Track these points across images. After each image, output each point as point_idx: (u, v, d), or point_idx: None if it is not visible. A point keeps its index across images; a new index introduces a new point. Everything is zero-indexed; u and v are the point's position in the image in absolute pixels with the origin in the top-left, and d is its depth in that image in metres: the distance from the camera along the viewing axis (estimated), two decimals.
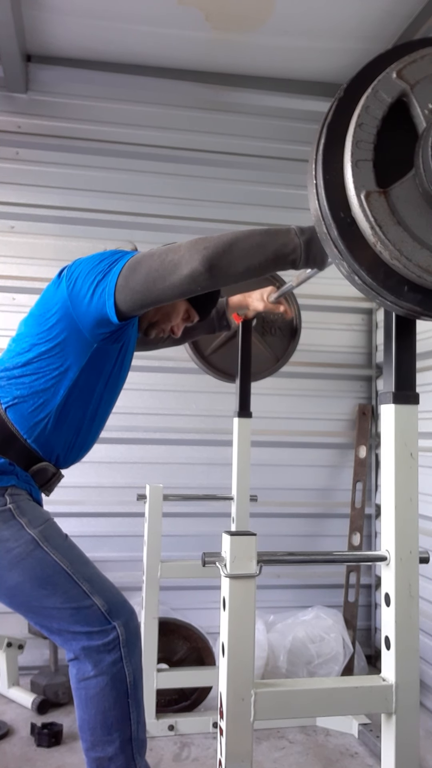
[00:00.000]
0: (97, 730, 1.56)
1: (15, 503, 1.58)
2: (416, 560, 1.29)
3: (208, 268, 1.44)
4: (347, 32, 2.93)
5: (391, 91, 1.14)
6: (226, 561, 1.24)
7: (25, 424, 1.65)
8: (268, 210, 3.39)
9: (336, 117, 1.17)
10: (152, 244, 3.22)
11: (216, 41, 3.03)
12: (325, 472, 3.40)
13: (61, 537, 1.64)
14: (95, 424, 1.78)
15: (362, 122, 1.13)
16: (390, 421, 1.29)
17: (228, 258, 1.43)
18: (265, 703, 1.23)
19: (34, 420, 1.65)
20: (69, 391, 1.66)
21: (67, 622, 1.56)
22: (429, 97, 1.16)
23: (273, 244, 1.44)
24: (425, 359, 2.84)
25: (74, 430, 1.72)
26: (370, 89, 1.15)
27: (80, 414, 1.71)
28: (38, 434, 1.65)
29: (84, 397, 1.70)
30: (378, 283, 1.16)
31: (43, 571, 1.55)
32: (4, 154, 3.21)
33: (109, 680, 1.55)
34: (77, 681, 1.58)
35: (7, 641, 2.73)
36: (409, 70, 1.15)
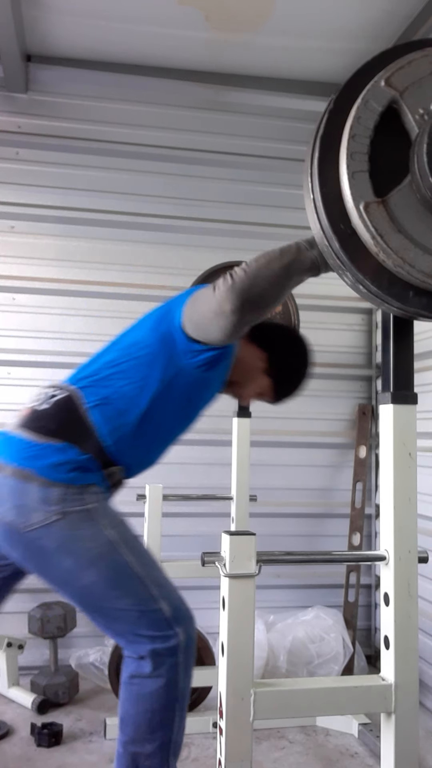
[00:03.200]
0: (141, 727, 1.58)
1: (96, 503, 1.59)
2: (415, 560, 1.29)
3: (242, 306, 1.45)
4: (347, 32, 2.93)
5: (380, 99, 1.14)
6: (225, 561, 1.24)
7: (106, 427, 1.64)
8: (268, 210, 3.39)
9: (328, 129, 1.17)
10: (152, 244, 3.28)
11: (216, 41, 3.03)
12: (325, 472, 3.40)
13: (135, 540, 1.65)
14: (164, 443, 1.78)
15: (355, 133, 1.13)
16: (389, 421, 1.29)
17: (256, 291, 1.44)
18: (265, 703, 1.23)
19: (116, 424, 1.65)
20: (151, 404, 1.66)
21: (132, 624, 1.57)
22: (419, 102, 1.16)
23: (293, 266, 1.43)
24: (424, 359, 2.84)
25: (147, 444, 1.73)
26: (360, 99, 1.14)
27: (155, 429, 1.71)
28: (116, 439, 1.65)
29: (162, 414, 1.69)
30: (383, 290, 1.17)
31: (117, 573, 1.56)
32: (4, 154, 3.21)
33: (164, 683, 1.57)
34: (131, 676, 1.60)
35: (7, 641, 2.73)
36: (397, 76, 1.15)
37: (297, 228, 3.33)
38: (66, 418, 1.64)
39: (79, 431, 1.62)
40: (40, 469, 1.56)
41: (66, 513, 1.54)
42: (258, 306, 1.48)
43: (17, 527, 1.55)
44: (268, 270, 1.43)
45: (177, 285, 2.93)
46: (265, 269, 1.43)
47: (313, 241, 1.43)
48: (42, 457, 1.58)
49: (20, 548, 1.59)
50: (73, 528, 1.55)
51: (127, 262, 3.27)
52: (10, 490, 1.56)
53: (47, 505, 1.54)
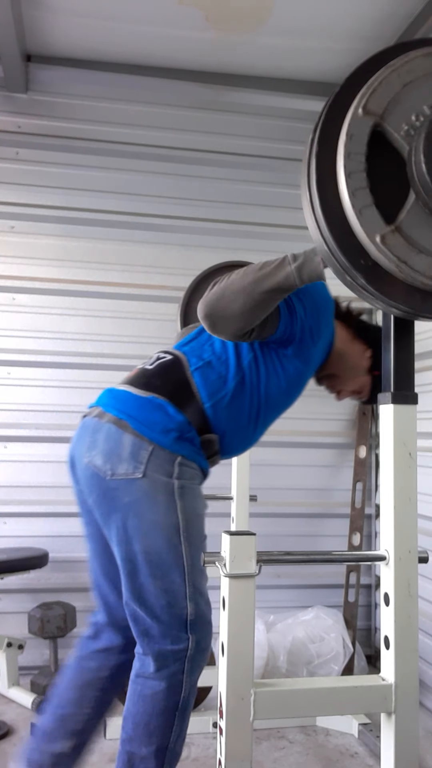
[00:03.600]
0: (139, 728, 1.58)
1: (181, 480, 1.60)
2: (415, 560, 1.29)
3: (208, 317, 1.52)
4: (347, 32, 2.93)
5: (363, 129, 1.13)
6: (225, 561, 1.24)
7: (206, 389, 1.67)
8: (268, 210, 3.39)
9: (320, 167, 1.15)
10: (152, 244, 3.28)
11: (216, 41, 3.03)
12: (325, 472, 3.40)
13: (200, 537, 1.65)
14: (258, 423, 1.78)
15: (351, 171, 1.12)
16: (389, 421, 1.29)
17: (222, 303, 1.49)
18: (265, 703, 1.23)
19: (215, 388, 1.67)
20: (244, 377, 1.69)
21: (154, 610, 1.58)
22: (401, 118, 1.14)
23: (265, 279, 1.47)
24: (424, 359, 2.84)
25: (243, 418, 1.73)
26: (345, 135, 1.12)
27: (249, 404, 1.71)
28: (215, 403, 1.67)
29: (253, 391, 1.71)
30: (416, 309, 1.18)
31: (168, 555, 1.57)
32: (4, 154, 3.21)
33: (165, 687, 1.57)
34: (136, 675, 1.61)
35: (7, 641, 2.73)
36: (373, 101, 1.13)
37: (297, 228, 3.35)
38: (170, 376, 1.68)
39: (180, 390, 1.66)
40: (135, 423, 1.60)
41: (150, 475, 1.57)
42: (225, 318, 1.51)
43: (102, 472, 1.58)
44: (239, 284, 1.48)
45: (177, 285, 2.94)
46: (237, 283, 1.48)
47: (297, 255, 1.48)
48: (140, 409, 1.62)
49: (97, 492, 1.61)
50: (151, 492, 1.57)
51: (127, 262, 3.27)
52: (106, 436, 1.60)
53: (135, 460, 1.57)
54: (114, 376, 3.19)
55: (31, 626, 2.80)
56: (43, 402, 3.17)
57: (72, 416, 3.17)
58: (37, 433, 3.15)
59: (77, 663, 1.80)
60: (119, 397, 1.67)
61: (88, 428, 1.67)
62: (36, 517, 3.12)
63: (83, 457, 1.63)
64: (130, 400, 1.65)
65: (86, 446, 1.63)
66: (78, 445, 1.68)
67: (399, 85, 1.14)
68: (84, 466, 1.63)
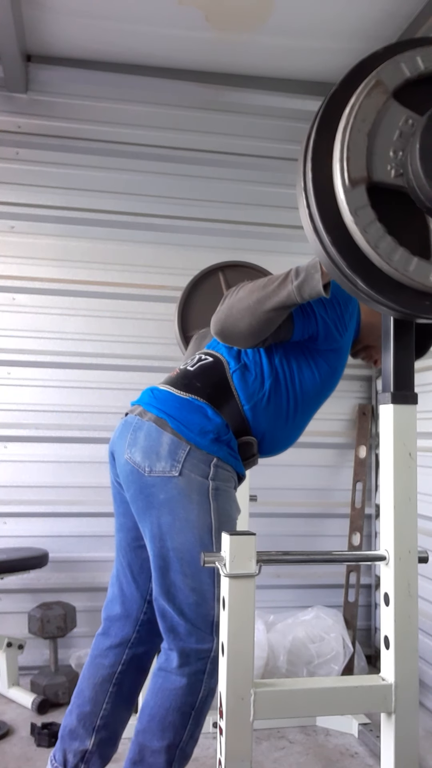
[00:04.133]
0: (154, 720, 1.61)
1: (216, 482, 1.63)
2: (415, 560, 1.29)
3: (219, 334, 1.62)
4: (347, 32, 2.93)
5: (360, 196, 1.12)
6: (225, 561, 1.24)
7: (245, 391, 1.70)
8: (268, 210, 3.39)
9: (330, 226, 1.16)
10: (152, 244, 3.28)
11: (216, 41, 3.03)
12: (325, 472, 3.40)
13: None
14: (298, 419, 1.80)
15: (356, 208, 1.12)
16: (389, 421, 1.29)
17: (230, 321, 1.59)
18: (265, 703, 1.23)
19: (253, 390, 1.71)
20: (279, 373, 1.72)
21: (182, 608, 1.61)
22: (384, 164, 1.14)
23: (268, 299, 1.53)
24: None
25: (282, 417, 1.76)
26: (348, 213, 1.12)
27: (286, 401, 1.74)
28: (254, 405, 1.71)
29: (290, 387, 1.74)
30: (416, 310, 1.20)
31: (199, 555, 1.59)
32: (4, 154, 3.21)
33: (185, 684, 1.60)
34: (159, 668, 1.65)
35: (7, 641, 2.73)
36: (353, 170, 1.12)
37: (297, 228, 3.34)
38: (210, 379, 1.72)
39: (220, 392, 1.70)
40: (174, 422, 1.63)
41: (186, 474, 1.60)
42: (234, 335, 1.60)
43: (141, 469, 1.62)
44: (245, 303, 1.55)
45: (177, 285, 2.94)
46: (243, 302, 1.56)
47: (299, 271, 1.50)
48: (180, 410, 1.66)
49: (134, 487, 1.65)
50: (186, 490, 1.61)
51: (127, 262, 3.27)
52: (146, 434, 1.65)
53: (173, 459, 1.61)
54: (114, 376, 3.23)
55: (31, 626, 2.80)
56: (43, 402, 3.17)
57: (72, 416, 3.18)
58: (37, 433, 3.15)
59: (91, 661, 1.84)
60: (160, 397, 1.71)
61: (129, 425, 1.71)
62: (36, 517, 3.12)
63: (123, 453, 1.68)
64: (170, 400, 1.69)
65: (127, 443, 1.68)
66: (119, 440, 1.73)
67: (365, 140, 1.13)
68: (124, 462, 1.68)
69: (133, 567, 1.82)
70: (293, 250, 3.31)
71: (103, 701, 1.78)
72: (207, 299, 2.67)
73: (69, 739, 1.78)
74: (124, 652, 1.82)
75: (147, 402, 1.72)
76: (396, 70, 1.14)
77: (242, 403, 1.70)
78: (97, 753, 1.76)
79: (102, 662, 1.81)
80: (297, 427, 1.81)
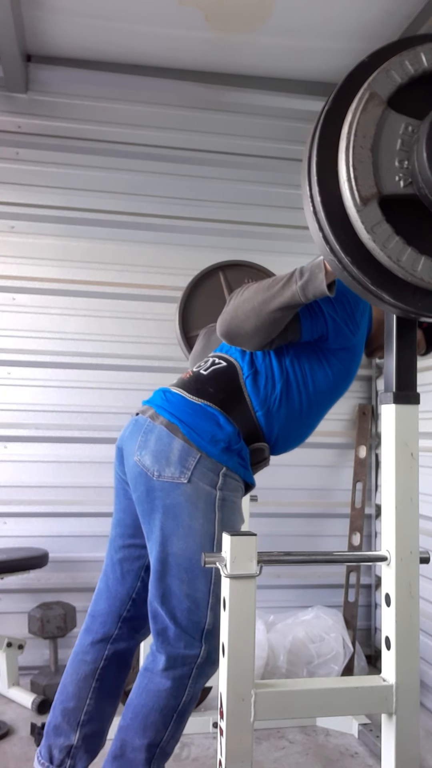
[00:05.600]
0: (137, 719, 1.62)
1: (223, 491, 1.63)
2: (417, 560, 1.29)
3: (225, 335, 1.63)
4: (347, 32, 2.93)
5: (374, 212, 1.13)
6: (226, 561, 1.24)
7: (257, 397, 1.71)
8: (268, 210, 3.39)
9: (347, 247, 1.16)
10: (152, 244, 3.28)
11: (216, 41, 3.03)
12: (325, 472, 3.40)
13: None
14: (312, 417, 1.81)
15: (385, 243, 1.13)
16: (390, 421, 1.29)
17: (236, 322, 1.59)
18: (265, 703, 1.23)
19: (265, 394, 1.71)
20: (290, 374, 1.73)
21: (174, 613, 1.62)
22: (392, 175, 1.14)
23: (272, 299, 1.53)
24: (425, 359, 2.83)
25: (295, 418, 1.76)
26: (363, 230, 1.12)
27: (299, 402, 1.75)
28: (267, 410, 1.71)
29: (302, 387, 1.74)
30: (419, 308, 1.20)
31: (198, 562, 1.61)
32: (4, 154, 3.21)
33: (169, 687, 1.61)
34: (145, 668, 1.66)
35: (7, 641, 2.73)
36: (363, 188, 1.12)
37: (297, 228, 3.36)
38: (224, 384, 1.72)
39: (232, 399, 1.70)
40: (185, 428, 1.64)
41: (194, 481, 1.61)
42: (241, 336, 1.61)
43: (150, 472, 1.63)
44: (250, 304, 1.55)
45: (177, 285, 2.94)
46: (248, 303, 1.56)
47: (303, 271, 1.50)
48: (192, 416, 1.66)
49: (141, 489, 1.66)
50: (193, 498, 1.62)
51: (127, 262, 3.27)
52: (157, 438, 1.66)
53: (183, 465, 1.61)
54: (114, 376, 3.23)
55: (31, 626, 2.80)
56: (43, 402, 3.17)
57: (72, 416, 3.18)
58: (37, 433, 3.15)
59: (74, 657, 1.85)
60: (172, 401, 1.72)
61: (141, 426, 1.71)
62: (36, 517, 3.12)
63: (133, 454, 1.69)
64: (182, 405, 1.69)
65: (137, 444, 1.69)
66: (129, 440, 1.73)
67: (369, 156, 1.13)
68: (133, 464, 1.68)
69: (124, 564, 1.84)
70: (293, 250, 3.31)
71: (86, 697, 1.80)
72: (208, 299, 2.67)
73: (54, 735, 1.79)
74: (106, 647, 1.83)
75: (159, 404, 1.72)
76: (387, 79, 1.14)
77: (255, 409, 1.71)
78: (83, 748, 1.78)
79: (84, 658, 1.83)
80: (310, 426, 1.83)
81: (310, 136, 1.19)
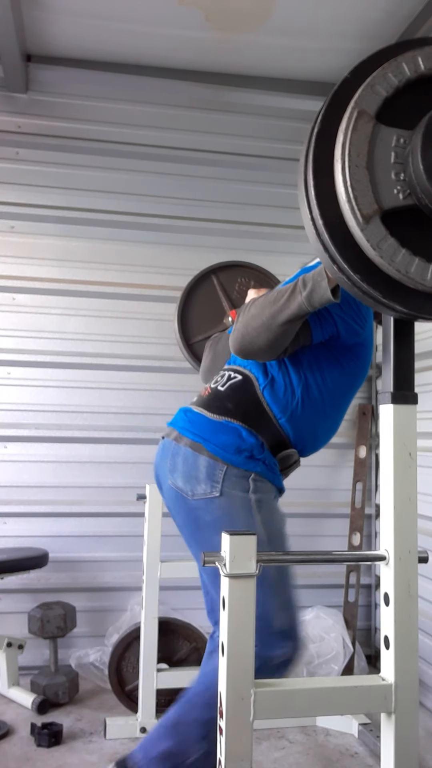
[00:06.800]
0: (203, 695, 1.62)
1: (257, 494, 1.65)
2: (415, 560, 1.29)
3: (239, 353, 1.66)
4: (347, 32, 2.93)
5: (377, 227, 1.13)
6: (225, 561, 1.24)
7: (278, 405, 1.72)
8: (268, 210, 3.39)
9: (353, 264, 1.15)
10: (152, 244, 3.28)
11: (216, 41, 3.03)
12: (325, 472, 3.40)
13: (283, 546, 1.69)
14: (336, 413, 1.83)
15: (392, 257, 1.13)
16: (389, 421, 1.29)
17: (248, 339, 1.61)
18: (265, 703, 1.23)
19: (285, 401, 1.72)
20: (309, 377, 1.74)
21: None
22: (390, 188, 1.14)
23: (280, 313, 1.55)
24: (424, 359, 2.84)
25: (319, 418, 1.78)
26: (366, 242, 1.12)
27: (321, 403, 1.76)
28: (290, 416, 1.73)
29: (322, 387, 1.76)
30: (416, 310, 1.20)
31: None
32: (4, 154, 3.21)
33: None
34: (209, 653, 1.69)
35: (7, 641, 2.73)
36: (363, 206, 1.12)
37: (297, 228, 3.34)
38: (242, 398, 1.73)
39: (253, 412, 1.72)
40: (209, 445, 1.67)
41: (227, 492, 1.63)
42: (254, 352, 1.63)
43: (185, 493, 1.67)
44: (259, 320, 1.57)
45: (176, 285, 2.94)
46: (257, 319, 1.57)
47: (306, 281, 1.51)
48: (214, 432, 1.69)
49: (182, 513, 1.69)
50: (230, 509, 1.64)
51: (127, 262, 3.27)
52: (183, 459, 1.69)
53: (212, 480, 1.64)
54: (114, 376, 3.23)
55: (31, 626, 2.80)
56: (43, 402, 3.17)
57: (72, 416, 3.18)
58: (37, 433, 3.15)
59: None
60: (194, 421, 1.75)
61: (168, 451, 1.76)
62: (36, 517, 3.12)
63: (167, 479, 1.73)
64: (204, 424, 1.72)
65: (168, 468, 1.73)
66: (161, 465, 1.78)
67: (366, 174, 1.13)
68: (168, 487, 1.73)
69: None
70: (293, 250, 3.31)
71: None
72: (204, 303, 2.69)
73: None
74: None
75: (181, 426, 1.75)
76: (373, 94, 1.14)
77: (277, 417, 1.72)
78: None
79: None
80: (335, 422, 1.85)
81: (303, 157, 1.20)
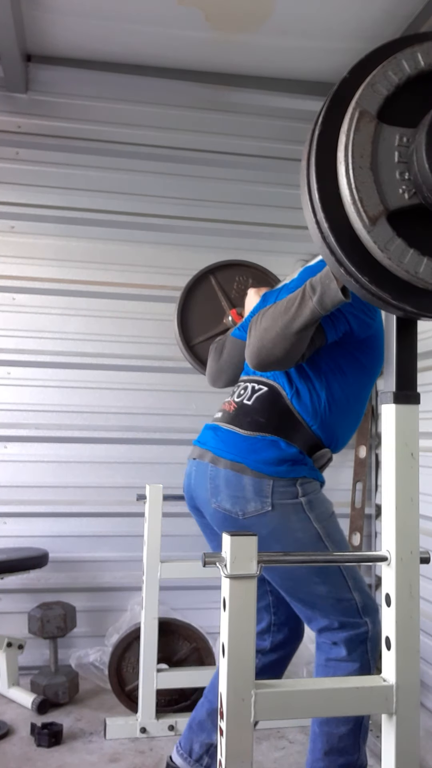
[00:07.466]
0: None
1: (306, 496, 1.69)
2: (417, 560, 1.28)
3: (258, 367, 1.65)
4: (347, 32, 2.93)
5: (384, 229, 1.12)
6: (226, 561, 1.24)
7: (307, 412, 1.73)
8: (268, 210, 3.39)
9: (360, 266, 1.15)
10: (152, 244, 3.28)
11: (216, 41, 3.03)
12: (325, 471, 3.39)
13: (339, 533, 1.75)
14: (359, 405, 1.85)
15: (400, 258, 1.12)
16: (391, 421, 1.29)
17: (265, 351, 1.61)
18: (265, 704, 1.23)
19: (314, 407, 1.74)
20: (330, 379, 1.75)
21: (327, 611, 1.69)
22: (395, 188, 1.13)
23: (293, 321, 1.55)
24: (426, 359, 2.84)
25: (347, 414, 1.80)
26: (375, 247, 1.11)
27: (345, 400, 1.78)
28: (321, 421, 1.74)
29: (344, 385, 1.77)
30: (419, 309, 1.19)
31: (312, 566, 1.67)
32: (4, 154, 3.21)
33: (358, 666, 1.70)
34: (327, 659, 1.73)
35: (7, 641, 2.73)
36: (369, 208, 1.11)
37: (297, 228, 3.35)
38: (272, 410, 1.74)
39: (286, 422, 1.72)
40: (252, 463, 1.67)
41: (278, 504, 1.65)
42: (273, 364, 1.63)
43: (234, 514, 1.68)
44: (273, 332, 1.57)
45: (176, 285, 2.94)
46: (271, 330, 1.57)
47: (314, 286, 1.51)
48: (254, 451, 1.69)
49: None
50: (284, 518, 1.67)
51: (127, 262, 3.27)
52: (225, 481, 1.70)
53: (261, 496, 1.65)
54: (114, 376, 3.22)
55: (31, 626, 2.80)
56: (43, 402, 3.16)
57: (72, 416, 3.18)
58: (37, 433, 3.15)
59: None
60: (228, 440, 1.74)
61: (204, 474, 1.76)
62: (36, 517, 3.12)
63: (210, 503, 1.73)
64: (239, 442, 1.72)
65: (209, 492, 1.73)
66: (198, 488, 1.79)
67: (370, 175, 1.12)
68: (213, 511, 1.74)
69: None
70: (293, 250, 3.31)
71: None
72: (204, 303, 2.69)
73: (198, 730, 1.88)
74: (259, 660, 1.92)
75: (215, 446, 1.75)
76: (374, 93, 1.13)
77: (309, 424, 1.73)
78: None
79: None
80: (360, 413, 1.87)
81: (305, 159, 1.18)
